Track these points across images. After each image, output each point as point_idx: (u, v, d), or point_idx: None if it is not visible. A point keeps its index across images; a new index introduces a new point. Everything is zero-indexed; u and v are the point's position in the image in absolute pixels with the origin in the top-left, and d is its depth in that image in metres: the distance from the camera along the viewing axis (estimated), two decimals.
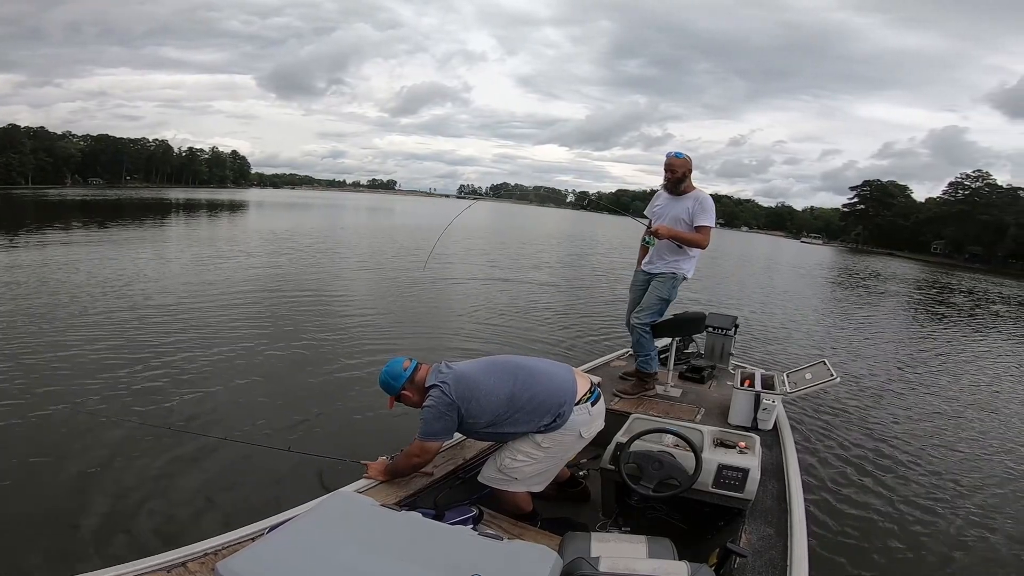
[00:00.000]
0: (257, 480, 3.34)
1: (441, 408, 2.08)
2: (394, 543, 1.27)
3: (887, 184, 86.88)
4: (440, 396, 2.09)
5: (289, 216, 33.41)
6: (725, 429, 2.54)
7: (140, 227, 18.79)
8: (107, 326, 6.25)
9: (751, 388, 3.10)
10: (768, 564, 1.84)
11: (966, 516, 3.41)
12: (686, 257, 3.49)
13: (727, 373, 3.99)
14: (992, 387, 6.95)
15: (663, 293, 3.48)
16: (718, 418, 3.16)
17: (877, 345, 8.93)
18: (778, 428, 3.00)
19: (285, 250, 14.87)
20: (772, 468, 2.50)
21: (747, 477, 2.09)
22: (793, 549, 1.89)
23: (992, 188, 70.58)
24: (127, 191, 60.67)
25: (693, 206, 3.41)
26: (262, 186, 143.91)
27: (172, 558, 1.66)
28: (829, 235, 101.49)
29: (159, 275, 9.79)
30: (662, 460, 2.13)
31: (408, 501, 2.14)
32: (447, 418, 2.10)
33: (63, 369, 4.83)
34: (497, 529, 1.99)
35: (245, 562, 1.19)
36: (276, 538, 1.31)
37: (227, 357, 5.51)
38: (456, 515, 1.79)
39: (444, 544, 1.29)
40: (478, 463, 2.62)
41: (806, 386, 3.07)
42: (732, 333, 4.29)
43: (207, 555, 1.69)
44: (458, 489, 2.16)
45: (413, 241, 19.55)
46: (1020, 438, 4.93)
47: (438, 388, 2.11)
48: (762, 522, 2.09)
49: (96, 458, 3.51)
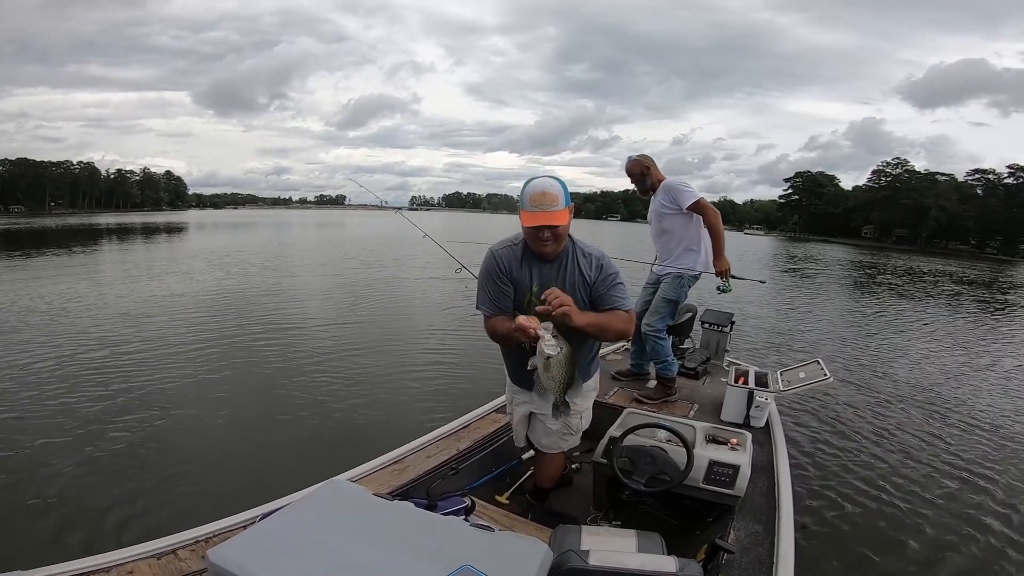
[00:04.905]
0: (249, 468, 3.45)
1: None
2: (386, 532, 1.26)
3: (817, 175, 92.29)
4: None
5: (230, 237, 32.18)
6: (717, 425, 2.56)
7: (70, 255, 17.64)
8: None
9: (745, 385, 3.11)
10: (755, 560, 1.86)
11: (956, 513, 3.41)
12: (688, 252, 3.41)
13: (721, 369, 4.01)
14: (983, 376, 6.83)
15: (669, 295, 3.42)
16: (711, 414, 3.17)
17: (859, 339, 8.88)
18: (770, 426, 3.02)
19: (234, 272, 14.33)
20: (763, 465, 2.52)
21: (737, 474, 2.11)
22: (780, 546, 1.91)
23: (911, 174, 76.29)
24: (52, 218, 57.00)
25: (666, 196, 3.37)
26: (201, 207, 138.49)
27: (162, 545, 1.67)
28: (769, 226, 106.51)
29: (99, 303, 9.24)
30: (654, 455, 2.13)
31: (401, 491, 2.11)
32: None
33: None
34: (489, 520, 1.97)
35: (236, 549, 1.17)
36: (268, 526, 1.28)
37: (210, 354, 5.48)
38: (448, 505, 1.75)
39: (436, 534, 1.28)
40: (472, 453, 2.59)
41: (799, 385, 3.10)
42: (728, 330, 4.28)
43: (198, 542, 1.70)
44: (450, 480, 2.14)
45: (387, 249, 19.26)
46: (1011, 429, 4.87)
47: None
48: (751, 519, 2.11)
49: (83, 447, 3.67)
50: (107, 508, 3.01)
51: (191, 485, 3.27)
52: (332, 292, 11.10)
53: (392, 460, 2.38)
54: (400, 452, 2.44)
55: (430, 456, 2.44)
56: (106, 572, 1.56)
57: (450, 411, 3.82)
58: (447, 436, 2.67)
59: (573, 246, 1.97)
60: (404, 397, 4.97)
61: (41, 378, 5.09)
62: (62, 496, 3.11)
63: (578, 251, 1.96)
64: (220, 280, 11.96)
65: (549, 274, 1.96)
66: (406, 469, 2.31)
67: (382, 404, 4.77)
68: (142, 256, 19.03)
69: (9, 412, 4.28)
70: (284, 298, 10.04)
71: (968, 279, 23.57)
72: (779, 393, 3.11)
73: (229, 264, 15.36)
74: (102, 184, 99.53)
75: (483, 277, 2.03)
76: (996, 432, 4.80)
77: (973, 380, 6.60)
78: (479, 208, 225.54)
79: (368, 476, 2.21)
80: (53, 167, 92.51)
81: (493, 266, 2.00)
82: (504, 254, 2.00)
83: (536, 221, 1.83)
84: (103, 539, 2.69)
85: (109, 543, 2.24)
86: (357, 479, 2.15)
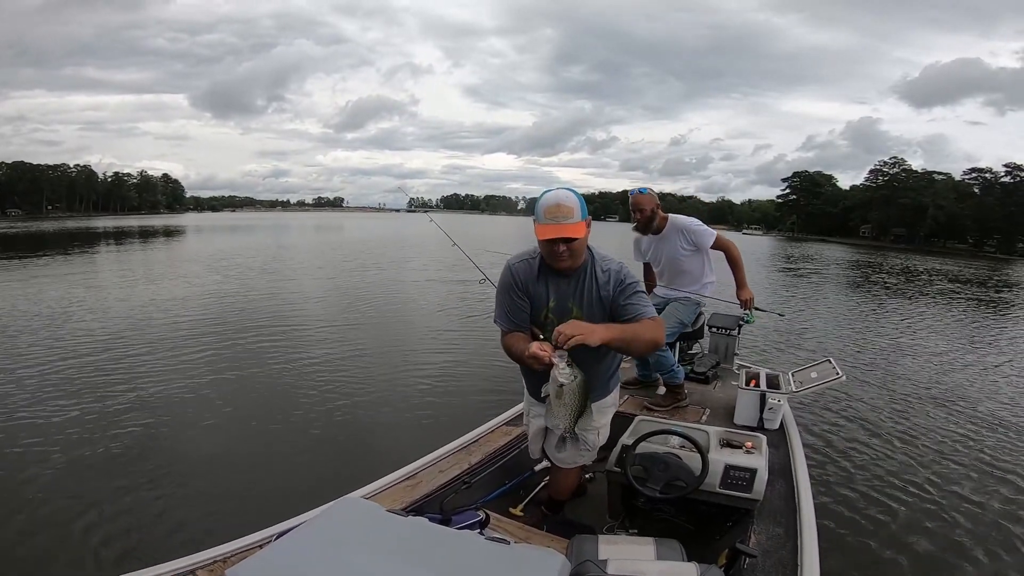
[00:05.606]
0: (262, 486, 3.43)
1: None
2: (401, 548, 1.24)
3: (814, 175, 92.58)
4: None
5: (228, 240, 32.11)
6: (731, 429, 2.52)
7: (68, 259, 17.59)
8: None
9: (756, 388, 3.06)
10: (778, 563, 1.83)
11: (982, 509, 3.35)
12: (706, 286, 3.43)
13: (732, 373, 3.96)
14: (1003, 373, 6.75)
15: (684, 317, 3.40)
16: (724, 419, 3.12)
17: (868, 337, 8.87)
18: (784, 427, 2.97)
19: (232, 277, 14.32)
20: (779, 468, 2.49)
21: (755, 477, 2.08)
22: (804, 548, 1.88)
23: (909, 173, 76.50)
24: (50, 221, 56.93)
25: (684, 240, 3.34)
26: (199, 210, 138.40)
27: (181, 565, 1.66)
28: (767, 226, 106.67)
29: (103, 306, 9.21)
30: (668, 462, 2.11)
31: (414, 506, 2.10)
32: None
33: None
34: (504, 533, 1.94)
35: (253, 568, 1.18)
36: (284, 544, 1.27)
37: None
38: (462, 520, 1.72)
39: (451, 549, 1.27)
40: (484, 467, 2.56)
41: (812, 385, 3.06)
42: (736, 333, 4.21)
43: (216, 562, 1.69)
44: (464, 494, 2.11)
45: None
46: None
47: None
48: (771, 522, 2.08)
49: (102, 465, 3.67)
50: (121, 528, 2.98)
51: (205, 505, 3.23)
52: (336, 299, 10.94)
53: (405, 476, 2.36)
54: (412, 468, 2.42)
55: (442, 471, 2.42)
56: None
57: (461, 425, 3.79)
58: (459, 450, 2.63)
59: (592, 260, 1.91)
60: (414, 411, 4.89)
61: (46, 391, 4.96)
62: (75, 517, 3.07)
63: (597, 266, 1.89)
64: (218, 286, 11.90)
65: (566, 289, 1.90)
66: (419, 484, 2.30)
67: (393, 418, 4.71)
68: (139, 260, 19.01)
69: (8, 427, 4.19)
70: (288, 305, 9.94)
71: (967, 278, 23.65)
72: (792, 394, 3.07)
73: (227, 268, 15.35)
74: (99, 187, 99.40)
75: (500, 291, 1.99)
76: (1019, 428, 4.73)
77: (988, 376, 6.58)
78: (477, 210, 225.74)
79: (381, 492, 2.20)
80: (50, 170, 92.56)
81: (509, 281, 1.96)
82: (521, 268, 1.95)
83: (551, 234, 1.76)
84: (120, 560, 2.67)
85: (126, 564, 2.20)
86: (370, 496, 2.12)
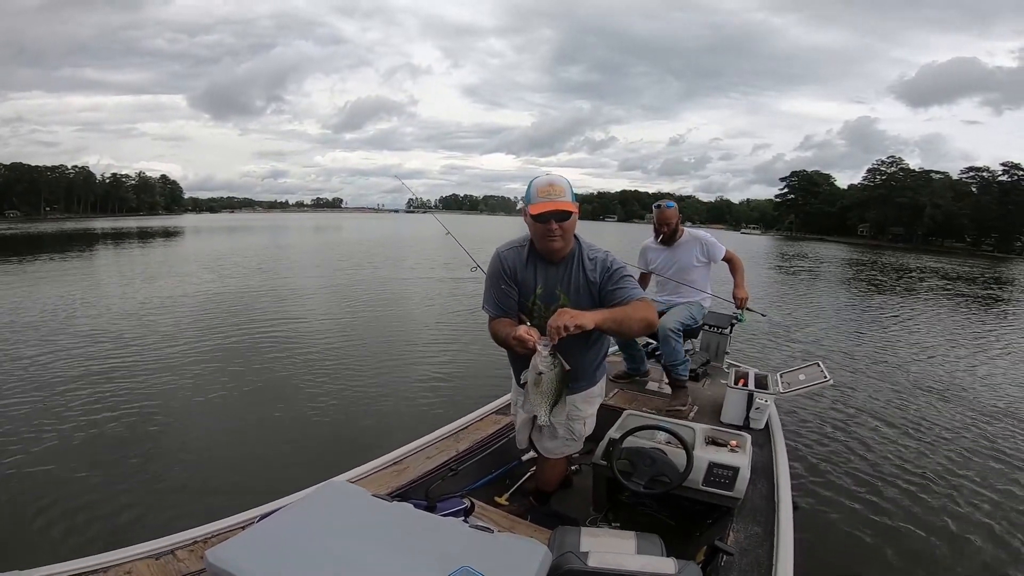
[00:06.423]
0: (247, 469, 3.45)
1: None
2: (385, 533, 1.26)
3: (812, 174, 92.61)
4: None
5: (227, 241, 32.08)
6: (717, 427, 2.55)
7: (67, 259, 17.58)
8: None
9: (744, 387, 3.09)
10: (754, 562, 1.85)
11: (956, 516, 3.39)
12: (700, 294, 3.56)
13: (721, 371, 3.99)
14: (987, 377, 6.72)
15: (693, 313, 3.51)
16: (711, 416, 3.15)
17: (857, 337, 8.88)
18: (770, 428, 3.00)
19: (229, 275, 14.32)
20: (762, 467, 2.50)
21: (737, 475, 2.10)
22: (779, 548, 1.90)
23: (906, 172, 76.51)
24: (48, 223, 56.85)
25: (701, 250, 3.52)
26: (197, 211, 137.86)
27: (161, 546, 1.66)
28: (765, 225, 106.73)
29: (104, 305, 9.22)
30: (654, 457, 2.13)
31: (400, 492, 2.11)
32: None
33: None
34: (488, 522, 1.97)
35: (235, 550, 1.17)
36: (266, 526, 1.28)
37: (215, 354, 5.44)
38: (448, 507, 1.75)
39: (435, 535, 1.28)
40: (471, 455, 2.58)
41: (799, 387, 3.08)
42: (728, 332, 4.24)
43: (196, 543, 1.69)
44: (450, 481, 2.12)
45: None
46: (1015, 433, 4.78)
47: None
48: (750, 520, 2.10)
49: (82, 448, 3.70)
50: (105, 508, 3.01)
51: (189, 486, 3.27)
52: (329, 294, 11.12)
53: (391, 461, 2.37)
54: (399, 453, 2.43)
55: (429, 457, 2.43)
56: (104, 572, 1.55)
57: (449, 412, 3.81)
58: (446, 437, 2.65)
59: (579, 248, 1.94)
60: (403, 398, 4.98)
61: (40, 380, 5.11)
62: (60, 496, 3.11)
63: (584, 254, 1.93)
64: (216, 283, 11.95)
65: (554, 276, 1.93)
66: (405, 470, 2.30)
67: (381, 405, 4.79)
68: (138, 260, 18.98)
69: (6, 412, 4.29)
70: (281, 300, 10.04)
71: (959, 275, 23.70)
72: (779, 395, 3.09)
73: (223, 267, 15.37)
74: (97, 188, 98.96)
75: (489, 278, 2.02)
76: (1000, 433, 4.77)
77: (974, 380, 6.58)
78: (476, 210, 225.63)
79: (367, 477, 2.20)
80: (48, 172, 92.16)
81: (498, 267, 1.99)
82: (509, 255, 1.98)
83: (546, 207, 1.77)
84: (101, 539, 2.69)
85: (107, 543, 2.24)
86: (356, 480, 2.14)
